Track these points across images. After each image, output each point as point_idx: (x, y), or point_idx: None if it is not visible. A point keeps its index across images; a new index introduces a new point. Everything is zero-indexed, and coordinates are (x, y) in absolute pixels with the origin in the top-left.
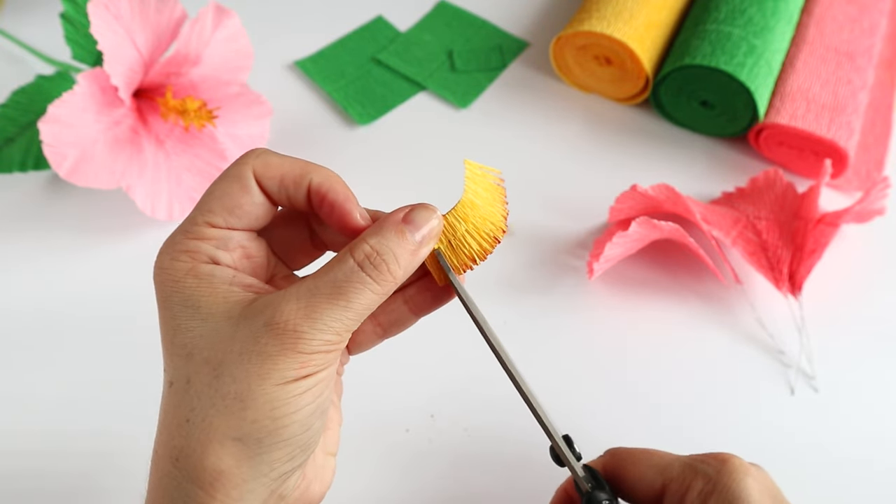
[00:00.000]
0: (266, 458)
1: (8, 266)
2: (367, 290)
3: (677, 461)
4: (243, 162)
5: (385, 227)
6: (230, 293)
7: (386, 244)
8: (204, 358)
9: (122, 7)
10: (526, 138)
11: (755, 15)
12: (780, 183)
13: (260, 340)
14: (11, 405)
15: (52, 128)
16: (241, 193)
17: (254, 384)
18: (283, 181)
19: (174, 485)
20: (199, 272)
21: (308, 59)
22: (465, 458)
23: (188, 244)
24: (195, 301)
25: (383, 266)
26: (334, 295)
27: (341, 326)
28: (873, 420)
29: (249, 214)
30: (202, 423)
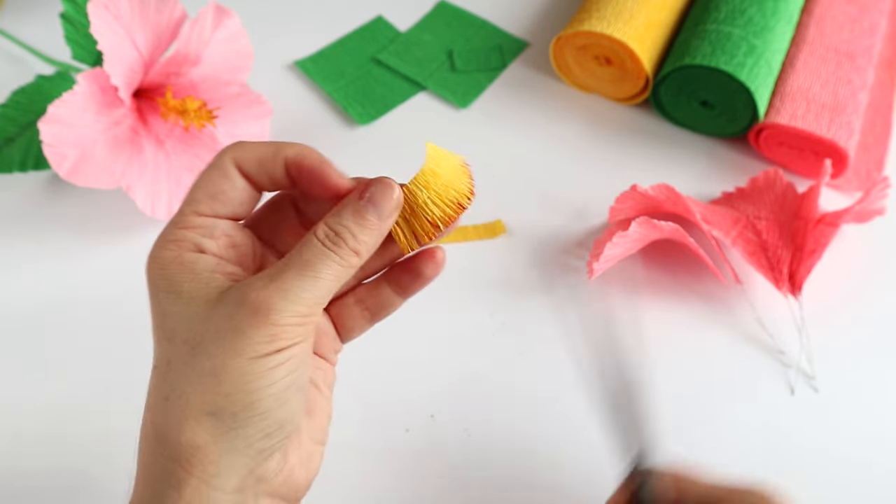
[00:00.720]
0: (241, 433)
1: (8, 266)
2: (332, 262)
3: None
4: (221, 153)
5: (343, 207)
6: (212, 279)
7: (343, 223)
8: (183, 339)
9: (122, 7)
10: (526, 138)
11: (755, 15)
12: (780, 183)
13: (234, 318)
14: (11, 405)
15: (52, 128)
16: (222, 180)
17: (228, 359)
18: (260, 162)
19: (156, 462)
20: (184, 259)
21: (308, 59)
22: (465, 458)
23: (176, 234)
24: (178, 286)
25: (342, 243)
26: (302, 269)
27: (311, 298)
28: (873, 420)
29: (233, 200)
30: (179, 401)
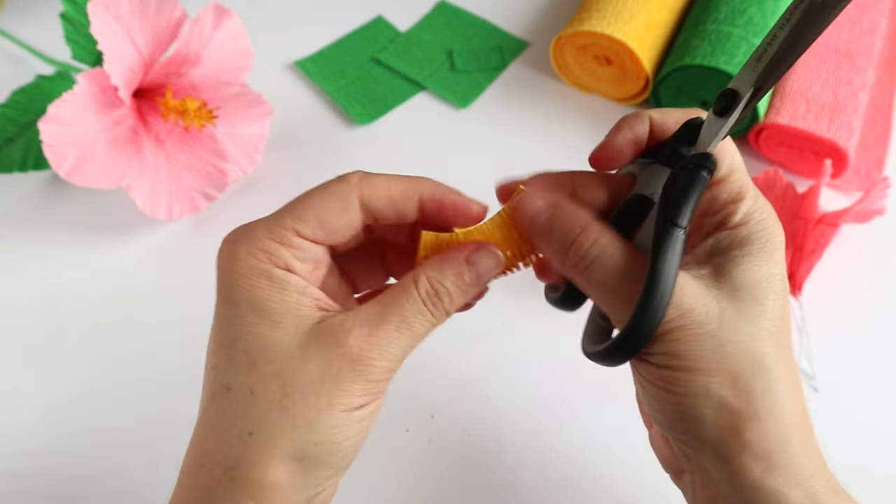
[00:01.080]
0: (317, 476)
1: (8, 266)
2: (426, 321)
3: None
4: (346, 181)
5: (446, 265)
6: (300, 304)
7: (445, 283)
8: (271, 371)
9: (122, 7)
10: (526, 138)
11: (755, 15)
12: (780, 183)
13: (333, 365)
14: (11, 405)
15: (52, 128)
16: (338, 212)
17: (323, 409)
18: (391, 198)
19: (223, 492)
20: (273, 276)
21: (308, 59)
22: (465, 458)
23: (269, 245)
24: (265, 305)
25: (440, 304)
26: (401, 325)
27: (401, 354)
28: (873, 420)
29: (338, 234)
30: (267, 439)
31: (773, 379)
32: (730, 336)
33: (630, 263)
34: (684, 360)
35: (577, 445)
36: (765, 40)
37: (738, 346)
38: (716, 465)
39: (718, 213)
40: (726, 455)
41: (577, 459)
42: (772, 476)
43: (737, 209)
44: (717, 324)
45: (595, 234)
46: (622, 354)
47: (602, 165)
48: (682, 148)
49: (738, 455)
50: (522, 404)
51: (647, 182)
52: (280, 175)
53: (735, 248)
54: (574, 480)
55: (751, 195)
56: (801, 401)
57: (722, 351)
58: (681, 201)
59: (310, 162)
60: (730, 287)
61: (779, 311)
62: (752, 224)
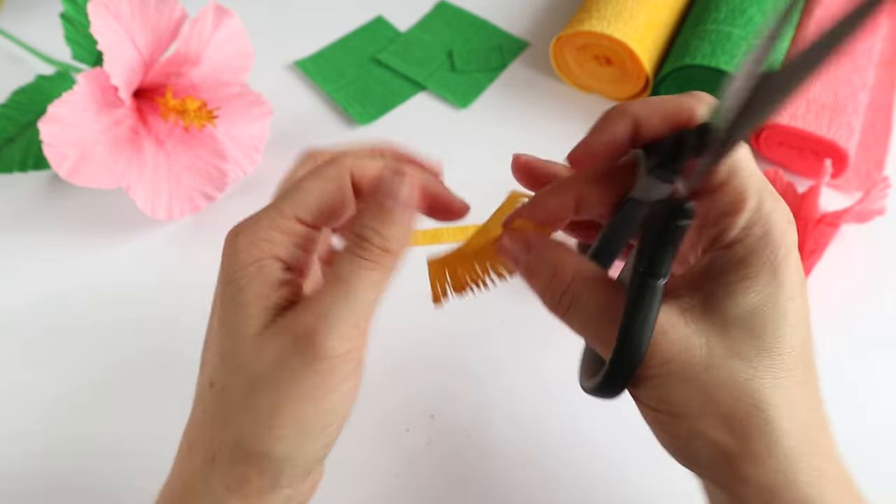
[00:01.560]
0: (289, 471)
1: (8, 266)
2: (364, 270)
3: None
4: (339, 164)
5: (361, 210)
6: (272, 296)
7: (364, 223)
8: (238, 366)
9: (122, 7)
10: (526, 138)
11: (755, 15)
12: (780, 183)
13: (285, 351)
14: (11, 405)
15: (52, 128)
16: (336, 195)
17: (283, 401)
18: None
19: (203, 481)
20: (264, 268)
21: (308, 59)
22: (465, 458)
23: (271, 235)
24: (244, 298)
25: (368, 245)
26: (336, 286)
27: (354, 317)
28: (873, 420)
29: (336, 216)
30: (237, 434)
31: (772, 417)
32: (719, 377)
33: (607, 306)
34: (670, 405)
35: (578, 445)
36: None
37: (728, 387)
38: (718, 494)
39: (715, 226)
40: (726, 486)
41: (578, 459)
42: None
43: (733, 223)
44: (704, 366)
45: (567, 279)
46: (605, 395)
47: (580, 167)
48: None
49: (738, 487)
50: (522, 404)
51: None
52: (280, 175)
53: (730, 272)
54: (574, 480)
55: (751, 204)
56: (816, 433)
57: (710, 394)
58: (655, 254)
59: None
60: (721, 320)
61: (785, 341)
62: (750, 241)
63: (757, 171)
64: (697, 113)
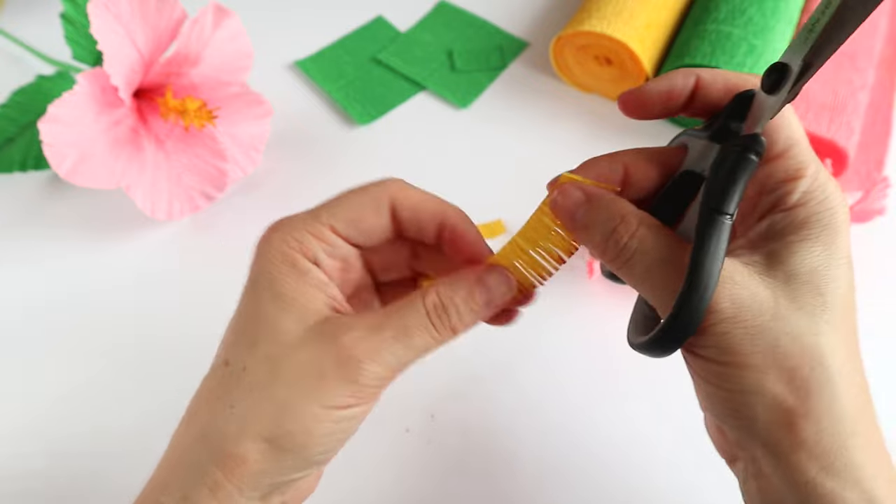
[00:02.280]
0: (285, 465)
1: (8, 266)
2: (428, 335)
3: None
4: (383, 186)
5: (458, 282)
6: (314, 298)
7: (454, 300)
8: (266, 353)
9: (122, 7)
10: (526, 138)
11: (755, 15)
12: None
13: (324, 359)
14: (11, 405)
15: (52, 128)
16: (373, 214)
17: (303, 400)
18: (418, 213)
19: (195, 457)
20: (298, 264)
21: (308, 59)
22: (465, 458)
23: (304, 236)
24: (280, 288)
25: (446, 319)
26: (400, 335)
27: (397, 364)
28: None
29: (369, 235)
30: (243, 416)
31: (833, 375)
32: (785, 329)
33: (672, 254)
34: (735, 355)
35: (578, 445)
36: (818, 9)
37: (795, 340)
38: (769, 461)
39: (774, 192)
40: (780, 452)
41: (578, 459)
42: (828, 476)
43: (794, 188)
44: (771, 316)
45: (633, 225)
46: (662, 348)
47: (628, 110)
48: (732, 123)
49: (793, 453)
50: (522, 404)
51: (698, 157)
52: (280, 175)
53: (791, 233)
54: (575, 480)
55: (811, 172)
56: (864, 398)
57: (776, 345)
58: (726, 187)
59: (310, 162)
60: (785, 276)
61: (840, 301)
62: (811, 205)
63: (809, 145)
64: None
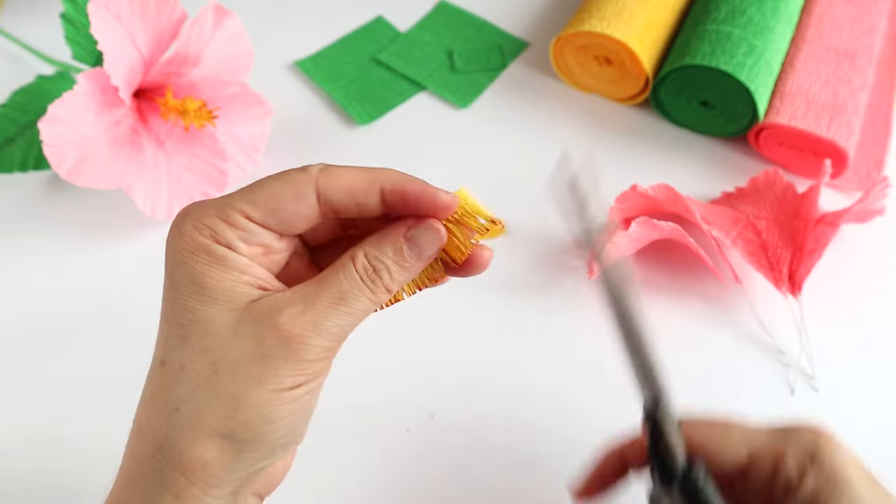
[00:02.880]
0: (248, 456)
1: (8, 266)
2: (365, 298)
3: (764, 430)
4: (305, 171)
5: (384, 241)
6: (238, 282)
7: (383, 259)
8: (202, 347)
9: (122, 7)
10: (526, 138)
11: (755, 15)
12: (779, 183)
13: (264, 343)
14: (11, 405)
15: (52, 128)
16: (292, 200)
17: (252, 387)
18: (352, 190)
19: (155, 468)
20: (214, 251)
21: (308, 59)
22: (465, 458)
23: (215, 222)
24: (202, 280)
25: (378, 280)
26: (337, 302)
27: (339, 332)
28: (873, 420)
29: (289, 222)
30: (193, 416)
31: None
32: None
33: None
34: None
35: (578, 445)
36: None
37: None
38: None
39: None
40: None
41: (578, 459)
42: None
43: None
44: None
45: None
46: None
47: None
48: (668, 460)
49: None
50: (522, 404)
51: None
52: None
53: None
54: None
55: (794, 465)
56: None
57: None
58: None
59: (310, 162)
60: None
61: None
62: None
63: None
64: None
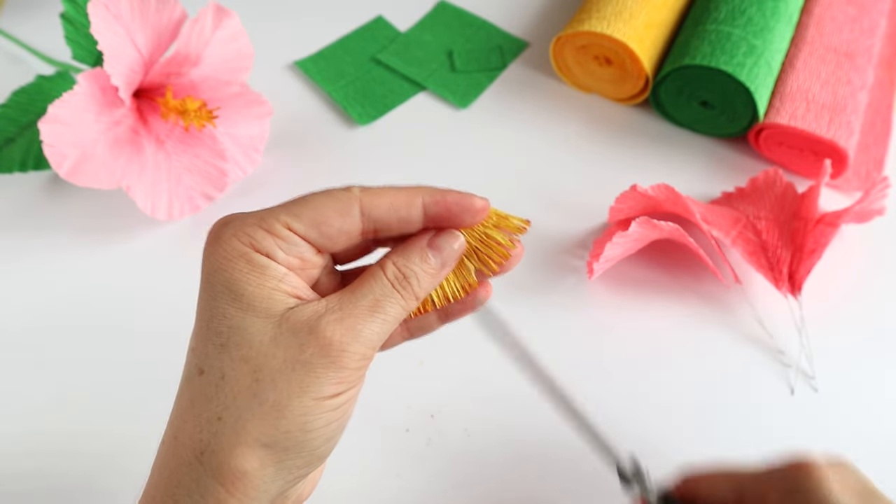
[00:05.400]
0: (288, 465)
1: (8, 266)
2: (398, 305)
3: (751, 472)
4: (349, 189)
5: (410, 249)
6: (276, 290)
7: (410, 266)
8: (242, 355)
9: (122, 7)
10: (526, 138)
11: (755, 15)
12: (779, 183)
13: (305, 351)
14: (11, 405)
15: (52, 128)
16: (337, 215)
17: (294, 395)
18: (393, 206)
19: (193, 477)
20: (253, 259)
21: (308, 59)
22: (465, 458)
23: (256, 232)
24: (240, 287)
25: (409, 287)
26: (373, 309)
27: (376, 339)
28: (873, 420)
29: (331, 237)
30: (235, 424)
31: None
32: None
33: None
34: None
35: (578, 445)
36: None
37: None
38: None
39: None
40: None
41: (578, 459)
42: None
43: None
44: None
45: None
46: None
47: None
48: None
49: None
50: (521, 404)
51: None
52: (280, 175)
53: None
54: (575, 479)
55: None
56: None
57: None
58: None
59: (310, 162)
60: None
61: None
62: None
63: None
64: None
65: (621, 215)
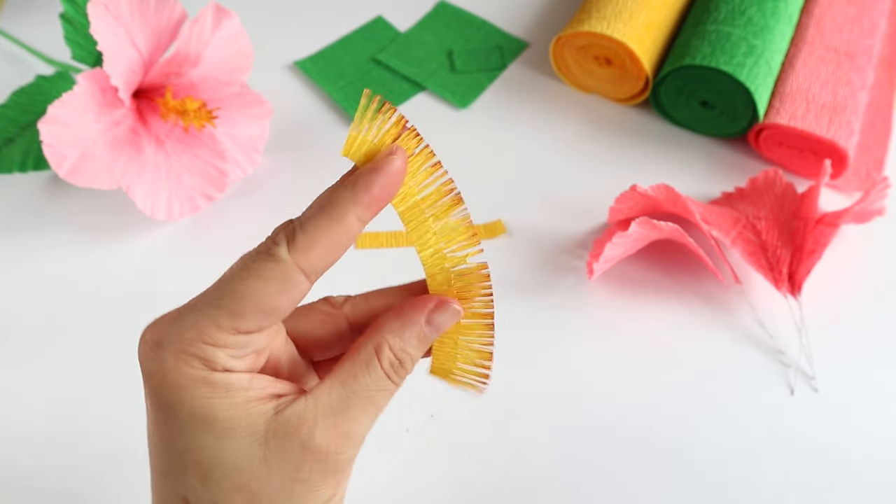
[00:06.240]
0: None
1: (7, 266)
2: (389, 393)
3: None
4: (273, 258)
5: (408, 329)
6: (249, 403)
7: (407, 349)
8: (233, 485)
9: (122, 7)
10: (526, 138)
11: (755, 15)
12: (779, 183)
13: (303, 469)
14: (11, 405)
15: (52, 128)
16: (279, 293)
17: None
18: (331, 248)
19: None
20: (213, 381)
21: (308, 59)
22: (465, 457)
23: (203, 349)
24: (210, 414)
25: (402, 371)
26: (365, 405)
27: (368, 431)
28: (873, 420)
29: (281, 313)
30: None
31: None
32: None
33: None
34: None
35: (579, 445)
36: None
37: None
38: None
39: None
40: None
41: (578, 458)
42: None
43: None
44: None
45: None
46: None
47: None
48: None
49: None
50: (521, 404)
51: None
52: (280, 175)
53: None
54: (574, 479)
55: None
56: None
57: None
58: None
59: (310, 162)
60: None
61: None
62: None
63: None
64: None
65: (621, 215)
